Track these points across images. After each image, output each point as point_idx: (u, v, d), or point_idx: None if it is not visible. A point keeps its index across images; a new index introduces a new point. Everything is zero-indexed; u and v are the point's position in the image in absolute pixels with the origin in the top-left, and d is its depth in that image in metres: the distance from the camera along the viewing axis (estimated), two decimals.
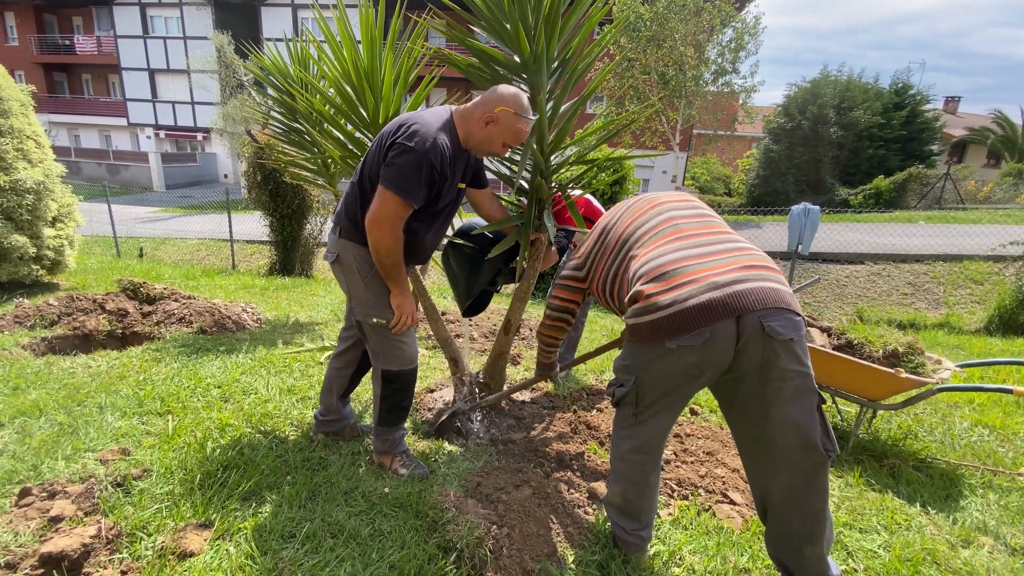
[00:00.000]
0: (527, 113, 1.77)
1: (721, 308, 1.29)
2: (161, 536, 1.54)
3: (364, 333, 1.93)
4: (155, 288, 4.22)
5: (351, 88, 2.50)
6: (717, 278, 1.33)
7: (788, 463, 1.36)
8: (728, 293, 1.30)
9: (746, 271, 1.35)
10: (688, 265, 1.38)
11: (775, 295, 1.32)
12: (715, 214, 1.62)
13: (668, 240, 1.49)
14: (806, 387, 1.33)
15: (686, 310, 1.31)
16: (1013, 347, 5.06)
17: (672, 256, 1.43)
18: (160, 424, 2.30)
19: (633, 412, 1.50)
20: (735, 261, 1.38)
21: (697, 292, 1.32)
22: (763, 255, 1.43)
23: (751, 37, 15.47)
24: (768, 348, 1.30)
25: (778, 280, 1.36)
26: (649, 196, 1.74)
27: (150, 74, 24.15)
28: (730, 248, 1.43)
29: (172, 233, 12.12)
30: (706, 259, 1.40)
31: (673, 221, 1.55)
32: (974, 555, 1.78)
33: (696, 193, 19.09)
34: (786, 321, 1.31)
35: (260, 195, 7.80)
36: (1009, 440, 2.70)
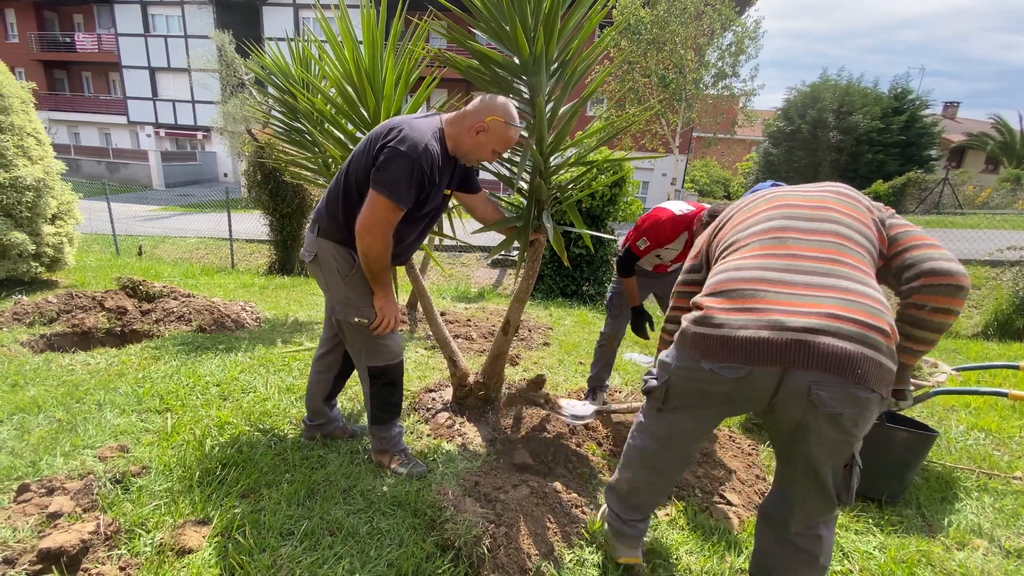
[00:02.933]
0: (516, 122, 1.80)
1: (769, 352, 1.13)
2: (160, 533, 1.55)
3: (345, 332, 1.92)
4: (154, 286, 4.22)
5: (352, 88, 2.51)
6: (785, 317, 1.13)
7: (798, 500, 1.31)
8: (785, 340, 1.11)
9: (828, 320, 1.11)
10: (762, 291, 1.19)
11: (848, 363, 1.08)
12: (853, 230, 1.28)
13: (761, 254, 1.28)
14: (841, 451, 1.20)
15: (731, 339, 1.17)
16: (1010, 351, 5.08)
17: (751, 274, 1.24)
18: (159, 421, 2.31)
19: (657, 407, 1.42)
20: (823, 304, 1.14)
21: (752, 324, 1.16)
22: (872, 308, 1.14)
23: (751, 41, 15.54)
24: (809, 414, 1.15)
25: (871, 344, 1.10)
26: (778, 192, 1.46)
27: (151, 72, 24.15)
28: (828, 285, 1.17)
29: (171, 231, 12.12)
30: (788, 290, 1.18)
31: (780, 233, 1.30)
32: (969, 557, 1.79)
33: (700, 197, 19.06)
34: (843, 395, 1.10)
35: (260, 194, 7.82)
36: (1005, 444, 2.71)
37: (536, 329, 4.57)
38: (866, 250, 1.26)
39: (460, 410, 2.60)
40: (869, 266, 1.24)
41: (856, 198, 1.37)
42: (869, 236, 1.29)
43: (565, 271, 7.16)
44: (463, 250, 10.81)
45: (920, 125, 19.21)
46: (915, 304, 1.25)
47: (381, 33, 2.50)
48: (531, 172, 2.30)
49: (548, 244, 2.40)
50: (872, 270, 1.24)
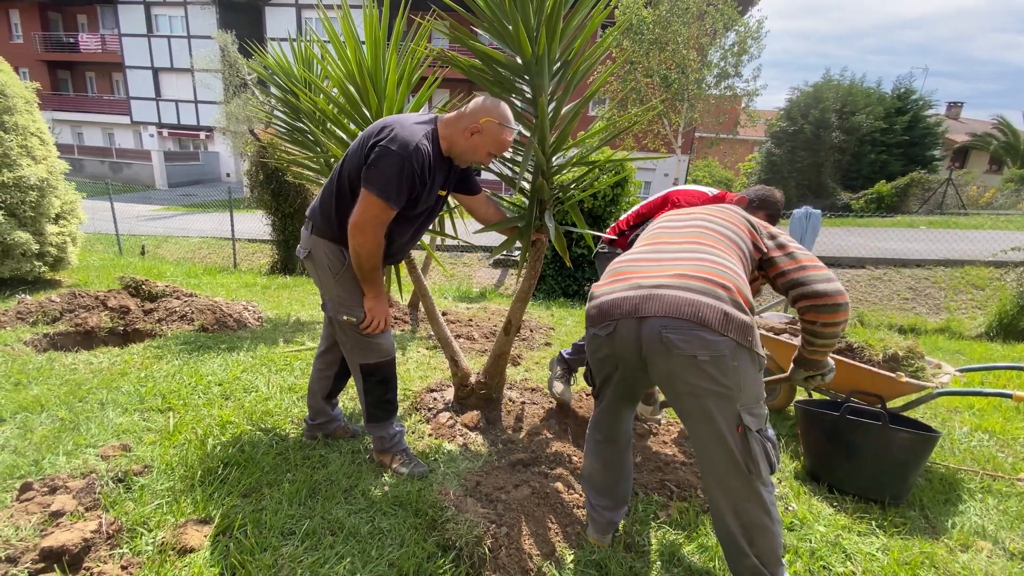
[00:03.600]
0: (511, 123, 1.81)
1: (626, 307, 1.34)
2: (161, 532, 1.55)
3: (336, 329, 1.94)
4: (157, 286, 4.23)
5: (355, 88, 2.51)
6: (643, 279, 1.37)
7: (712, 472, 1.37)
8: (638, 295, 1.33)
9: (675, 278, 1.33)
10: (632, 266, 1.46)
11: (689, 308, 1.26)
12: (719, 225, 1.56)
13: (642, 244, 1.58)
14: (722, 405, 1.28)
15: (603, 303, 1.41)
16: (1014, 352, 5.05)
17: (628, 258, 1.52)
18: (161, 421, 2.31)
19: (593, 392, 1.64)
20: (675, 269, 1.37)
21: (618, 289, 1.40)
22: (716, 269, 1.35)
23: (754, 41, 15.51)
24: (670, 360, 1.29)
25: (711, 294, 1.28)
26: (668, 213, 1.79)
27: (154, 72, 24.23)
28: (683, 257, 1.42)
29: (174, 231, 12.15)
30: (651, 263, 1.44)
31: (657, 232, 1.61)
32: (972, 559, 1.78)
33: None
34: (692, 337, 1.24)
35: (262, 194, 7.83)
36: (1009, 445, 2.70)
37: (538, 329, 4.57)
38: (728, 239, 1.50)
39: (462, 410, 2.60)
40: (728, 249, 1.46)
41: (732, 209, 1.67)
42: (736, 231, 1.55)
43: (567, 271, 7.16)
44: (465, 250, 10.80)
45: (923, 125, 19.15)
46: (807, 320, 1.52)
47: (383, 33, 2.50)
48: (533, 172, 2.29)
49: (550, 244, 2.40)
50: (732, 253, 1.46)
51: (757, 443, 1.30)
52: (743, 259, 1.49)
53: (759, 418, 1.32)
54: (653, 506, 1.93)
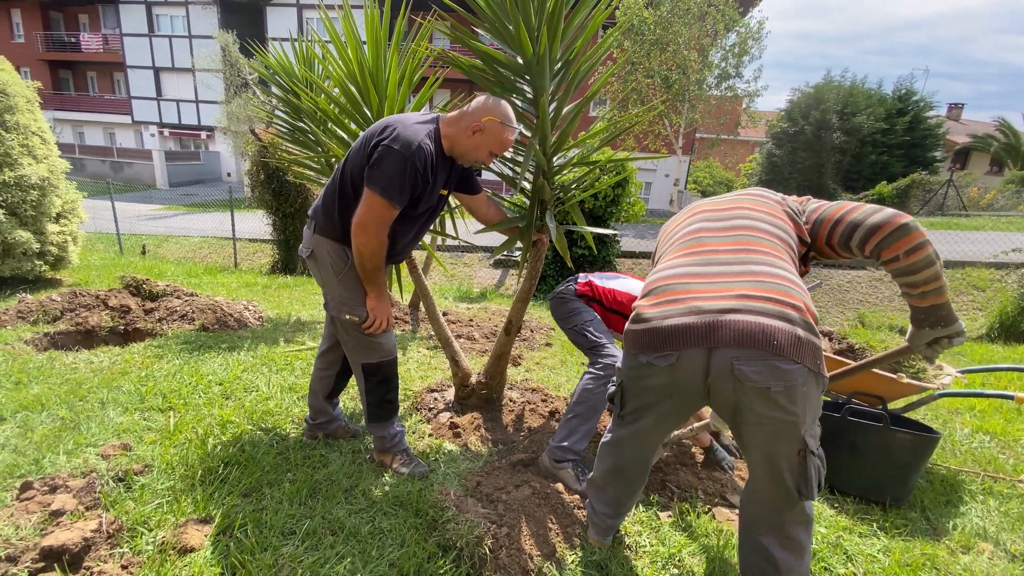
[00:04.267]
0: (512, 122, 1.81)
1: (692, 336, 1.21)
2: (162, 531, 1.55)
3: (338, 328, 1.93)
4: (157, 285, 4.24)
5: (356, 88, 2.51)
6: (703, 303, 1.23)
7: (762, 493, 1.33)
8: (704, 322, 1.21)
9: (741, 300, 1.21)
10: (683, 283, 1.31)
11: (762, 335, 1.16)
12: (764, 223, 1.40)
13: (683, 254, 1.40)
14: (787, 433, 1.22)
15: (659, 329, 1.27)
16: (1015, 354, 5.05)
17: (674, 272, 1.36)
18: (161, 420, 2.31)
19: (618, 413, 1.50)
20: (736, 288, 1.24)
21: (675, 313, 1.26)
22: (783, 286, 1.23)
23: (755, 42, 15.52)
24: (739, 391, 1.21)
25: (783, 317, 1.18)
26: (698, 202, 1.60)
27: (155, 72, 24.26)
28: (740, 272, 1.27)
29: (175, 231, 12.16)
30: (705, 280, 1.29)
31: (698, 233, 1.43)
32: (974, 561, 1.77)
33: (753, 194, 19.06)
34: (765, 368, 1.16)
35: (263, 194, 7.84)
36: (1010, 447, 2.69)
37: (538, 329, 4.57)
38: (778, 238, 1.37)
39: (462, 410, 2.60)
40: (782, 252, 1.34)
41: (765, 195, 1.51)
42: (781, 226, 1.40)
43: (568, 271, 7.16)
44: (465, 250, 10.80)
45: (924, 127, 19.14)
46: (887, 260, 1.33)
47: (385, 33, 2.50)
48: (534, 172, 2.29)
49: (551, 244, 2.40)
50: (786, 255, 1.34)
51: (813, 465, 1.25)
52: (794, 258, 1.36)
53: (816, 438, 1.27)
54: (654, 507, 1.93)
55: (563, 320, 2.28)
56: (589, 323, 2.18)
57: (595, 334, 2.14)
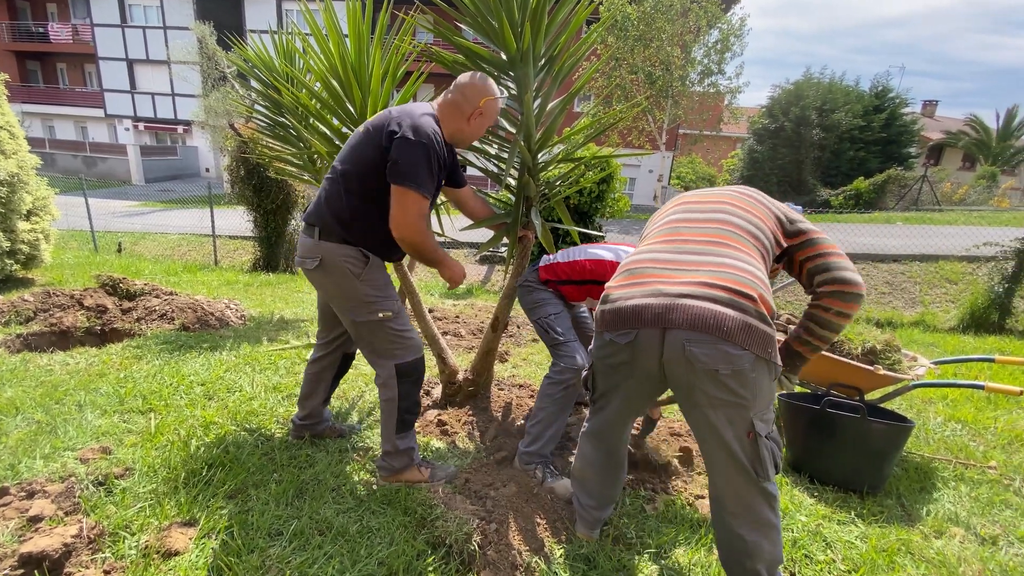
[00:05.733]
0: (499, 93, 1.83)
1: (648, 316, 1.29)
2: (145, 535, 1.52)
3: (363, 336, 1.79)
4: (135, 284, 4.14)
5: (338, 82, 2.48)
6: (665, 287, 1.31)
7: (721, 477, 1.37)
8: (661, 304, 1.28)
9: (700, 287, 1.27)
10: (651, 267, 1.39)
11: (713, 320, 1.23)
12: (740, 219, 1.44)
13: (659, 241, 1.47)
14: (736, 416, 1.28)
15: (622, 308, 1.35)
16: (985, 344, 5.21)
17: (646, 256, 1.43)
18: (142, 422, 2.27)
19: (592, 399, 1.57)
20: (698, 276, 1.31)
21: (639, 295, 1.34)
22: (742, 277, 1.29)
23: (737, 38, 15.67)
24: (691, 373, 1.27)
25: (736, 306, 1.24)
26: (685, 194, 1.65)
27: (128, 64, 23.57)
28: (705, 262, 1.34)
29: (152, 228, 11.87)
30: (672, 266, 1.36)
31: (675, 223, 1.50)
32: (946, 545, 1.84)
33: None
34: (714, 351, 1.23)
35: (243, 190, 7.69)
36: (980, 434, 2.79)
37: (525, 325, 4.58)
38: (751, 235, 1.41)
39: (449, 407, 2.60)
40: (751, 248, 1.38)
41: (756, 197, 1.54)
42: (759, 225, 1.45)
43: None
44: (451, 247, 10.76)
45: (900, 123, 19.58)
46: (822, 307, 1.42)
47: (367, 27, 2.47)
48: (519, 169, 2.29)
49: (536, 241, 2.40)
50: (755, 252, 1.39)
51: (765, 448, 1.30)
52: (765, 257, 1.42)
53: (768, 423, 1.33)
54: (639, 500, 1.96)
55: (529, 310, 2.24)
56: (552, 317, 2.13)
57: (557, 331, 2.10)
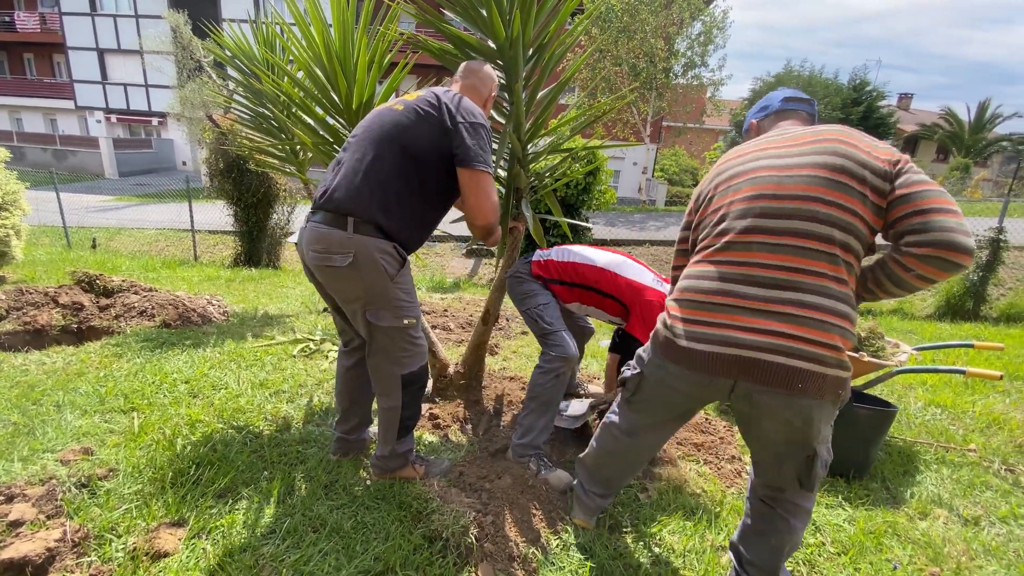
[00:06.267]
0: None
1: (721, 367, 1.23)
2: (132, 537, 1.48)
3: (379, 341, 1.66)
4: (112, 280, 4.02)
5: (322, 72, 2.42)
6: (740, 335, 1.20)
7: (768, 478, 1.40)
8: (736, 356, 1.20)
9: (779, 340, 1.17)
10: (723, 304, 1.24)
11: (788, 379, 1.17)
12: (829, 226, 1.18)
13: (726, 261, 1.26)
14: (799, 444, 1.27)
15: (693, 352, 1.26)
16: (961, 331, 5.36)
17: (715, 285, 1.26)
18: (124, 422, 2.20)
19: (628, 397, 1.51)
20: (777, 324, 1.18)
21: (712, 340, 1.23)
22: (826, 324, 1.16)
23: (719, 31, 15.75)
24: (756, 409, 1.26)
25: (818, 359, 1.16)
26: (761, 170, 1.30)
27: (99, 54, 22.79)
28: (784, 300, 1.18)
29: (127, 223, 11.55)
30: (747, 305, 1.21)
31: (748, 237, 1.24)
32: (931, 526, 1.89)
33: (666, 182, 19.35)
34: (785, 402, 1.20)
35: (223, 183, 7.51)
36: (959, 418, 2.87)
37: (514, 319, 4.57)
38: (843, 248, 1.19)
39: (441, 401, 2.58)
40: (841, 268, 1.19)
41: (848, 172, 1.19)
42: (852, 227, 1.19)
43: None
44: (438, 239, 10.69)
45: (877, 116, 19.94)
46: (903, 265, 1.19)
47: (351, 14, 2.41)
48: (509, 160, 2.27)
49: (527, 233, 2.38)
50: (845, 270, 1.19)
51: (820, 464, 1.29)
52: (857, 261, 1.23)
53: (827, 442, 1.30)
54: (634, 488, 1.97)
55: (518, 301, 2.21)
56: (542, 307, 2.11)
57: (547, 320, 2.07)
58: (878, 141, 1.24)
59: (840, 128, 1.27)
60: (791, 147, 1.28)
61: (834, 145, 1.22)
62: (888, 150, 1.21)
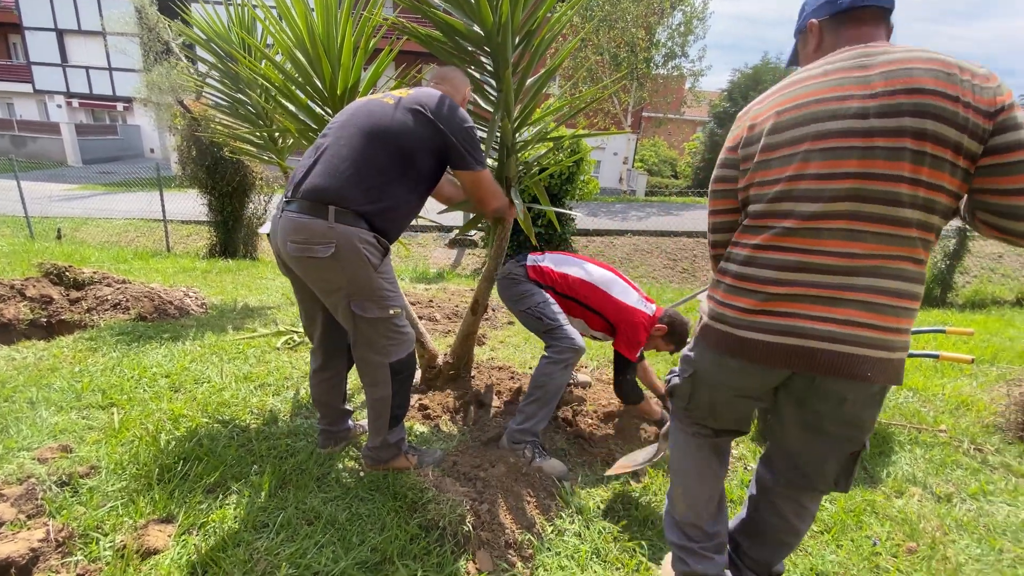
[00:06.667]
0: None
1: (788, 357, 1.11)
2: (119, 535, 1.44)
3: (364, 332, 1.63)
4: (83, 272, 3.87)
5: (305, 57, 2.35)
6: (805, 323, 1.09)
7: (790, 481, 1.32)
8: (803, 347, 1.09)
9: (847, 329, 1.06)
10: (783, 294, 1.11)
11: (857, 368, 1.07)
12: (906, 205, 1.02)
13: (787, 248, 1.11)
14: (850, 439, 1.19)
15: (755, 342, 1.14)
16: (929, 317, 5.58)
17: (771, 275, 1.12)
18: (104, 418, 2.14)
19: (684, 406, 1.37)
20: (845, 310, 1.06)
21: (771, 328, 1.12)
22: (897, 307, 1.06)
23: (699, 21, 15.84)
24: (813, 399, 1.17)
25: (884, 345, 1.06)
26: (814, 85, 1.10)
27: (58, 35, 21.69)
28: (855, 287, 1.06)
29: (94, 212, 11.12)
30: (812, 292, 1.08)
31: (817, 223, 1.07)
32: (907, 503, 1.97)
33: (645, 174, 19.49)
34: (848, 386, 1.12)
35: (196, 171, 7.28)
36: (930, 401, 2.99)
37: (500, 308, 4.57)
38: (920, 227, 1.04)
39: (430, 392, 2.57)
40: (917, 248, 1.06)
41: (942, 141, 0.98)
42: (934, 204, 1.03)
43: (529, 249, 7.18)
44: (420, 230, 10.60)
45: None
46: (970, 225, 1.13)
47: None
48: (498, 148, 2.25)
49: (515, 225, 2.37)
50: (922, 248, 1.06)
51: (859, 462, 1.24)
52: (935, 237, 1.09)
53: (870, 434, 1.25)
54: (625, 475, 2.00)
55: (514, 302, 2.19)
56: (542, 305, 2.10)
57: (549, 316, 2.07)
58: (979, 72, 0.99)
59: (935, 70, 0.99)
60: (873, 97, 1.02)
61: (929, 101, 0.98)
62: (991, 90, 0.98)
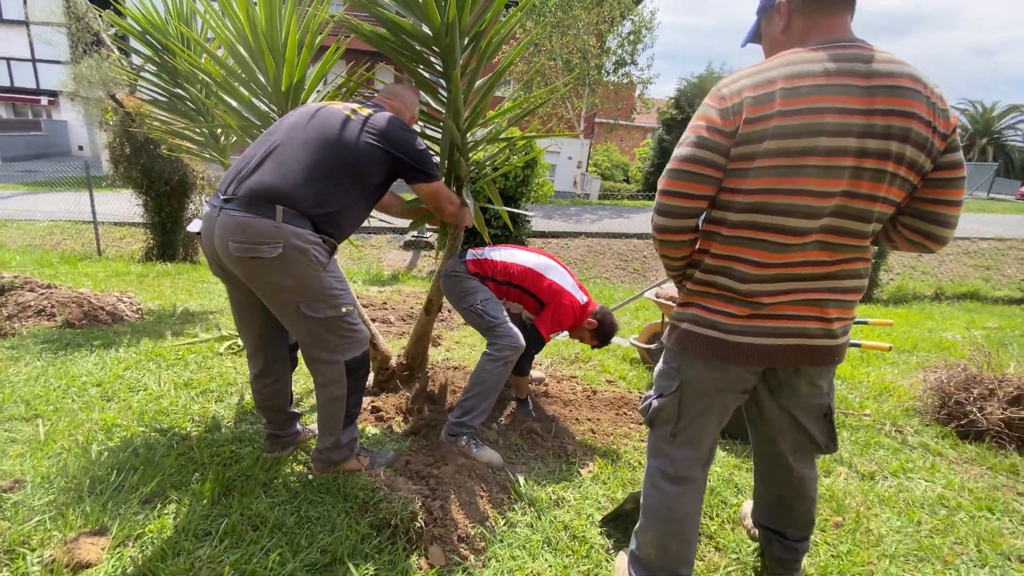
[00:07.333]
0: None
1: (770, 356, 1.21)
2: (48, 549, 1.36)
3: (315, 333, 1.61)
4: (3, 276, 3.59)
5: (247, 51, 2.29)
6: (791, 324, 1.19)
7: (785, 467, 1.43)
8: (783, 345, 1.20)
9: (827, 325, 1.19)
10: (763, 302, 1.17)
11: (830, 356, 1.23)
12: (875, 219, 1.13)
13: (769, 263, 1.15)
14: (822, 406, 1.34)
15: (747, 346, 1.20)
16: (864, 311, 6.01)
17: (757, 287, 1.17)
18: (27, 430, 1.99)
19: (671, 431, 1.32)
20: (825, 309, 1.18)
21: (755, 331, 1.19)
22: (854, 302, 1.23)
23: (648, 30, 16.40)
24: (792, 387, 1.31)
25: (846, 332, 1.24)
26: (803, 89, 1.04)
27: None
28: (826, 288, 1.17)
29: (14, 214, 10.27)
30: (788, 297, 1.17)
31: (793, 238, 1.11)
32: (834, 482, 2.12)
33: (599, 178, 19.94)
34: (818, 372, 1.28)
35: (130, 170, 6.87)
36: (856, 387, 3.23)
37: None
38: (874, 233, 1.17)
39: (383, 393, 2.55)
40: (868, 249, 1.21)
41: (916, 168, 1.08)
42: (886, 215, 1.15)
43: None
44: (374, 231, 10.41)
45: None
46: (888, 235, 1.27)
47: None
48: (448, 148, 2.27)
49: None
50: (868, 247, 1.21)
51: (833, 423, 1.37)
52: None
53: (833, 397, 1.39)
54: (576, 465, 2.06)
55: (457, 300, 2.21)
56: (484, 302, 2.13)
57: (491, 314, 2.10)
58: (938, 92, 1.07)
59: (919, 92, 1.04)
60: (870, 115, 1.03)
61: (913, 127, 1.03)
62: (947, 112, 1.08)
